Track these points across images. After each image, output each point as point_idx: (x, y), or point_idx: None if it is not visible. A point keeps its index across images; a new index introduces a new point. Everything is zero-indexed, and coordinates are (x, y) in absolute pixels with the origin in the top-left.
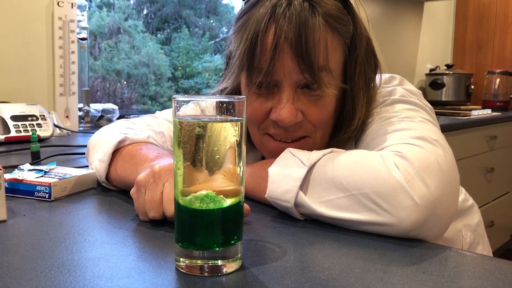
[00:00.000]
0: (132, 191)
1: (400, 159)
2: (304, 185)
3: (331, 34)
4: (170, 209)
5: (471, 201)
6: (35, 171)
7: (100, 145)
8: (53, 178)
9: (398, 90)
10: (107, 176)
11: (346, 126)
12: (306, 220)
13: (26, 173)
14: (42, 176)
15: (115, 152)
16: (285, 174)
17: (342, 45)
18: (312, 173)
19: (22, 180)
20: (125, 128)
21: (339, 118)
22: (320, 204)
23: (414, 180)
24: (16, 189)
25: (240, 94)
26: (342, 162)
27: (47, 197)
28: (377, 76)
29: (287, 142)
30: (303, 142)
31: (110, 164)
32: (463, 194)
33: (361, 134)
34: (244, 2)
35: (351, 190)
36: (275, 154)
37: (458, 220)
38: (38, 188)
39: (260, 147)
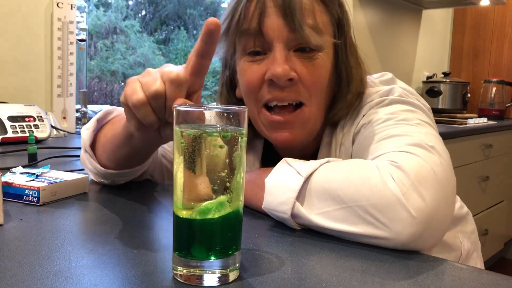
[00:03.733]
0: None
1: (396, 169)
2: (300, 195)
3: (317, 2)
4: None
5: (466, 208)
6: (27, 174)
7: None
8: (43, 182)
9: (396, 89)
10: (97, 153)
11: (344, 93)
12: (303, 229)
13: (17, 176)
14: (32, 180)
15: (105, 124)
16: (281, 185)
17: (330, 18)
18: (309, 184)
19: (11, 183)
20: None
21: (335, 89)
22: (317, 215)
23: (410, 192)
24: (6, 192)
25: (235, 81)
26: (338, 173)
27: (35, 201)
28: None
29: (285, 114)
30: (299, 112)
31: (99, 136)
32: (458, 202)
33: (357, 135)
34: None
35: (347, 202)
36: (273, 128)
37: (456, 227)
38: (27, 192)
39: (257, 121)
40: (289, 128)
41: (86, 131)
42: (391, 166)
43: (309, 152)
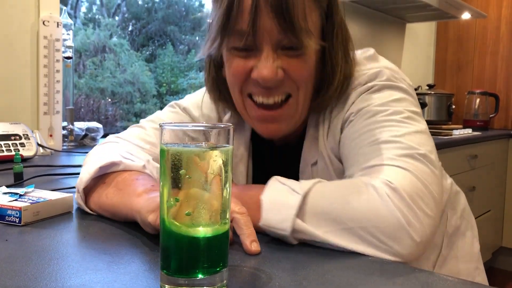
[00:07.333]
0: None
1: (393, 192)
2: (299, 214)
3: None
4: None
5: (455, 186)
6: (10, 194)
7: (95, 159)
8: (26, 202)
9: (384, 72)
10: (92, 199)
11: (327, 86)
12: (291, 245)
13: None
14: (15, 200)
15: (109, 175)
16: (279, 203)
17: (318, 8)
18: (307, 204)
19: None
20: (124, 152)
21: (320, 81)
22: (322, 232)
23: (410, 216)
24: None
25: (222, 60)
26: (335, 195)
27: (17, 221)
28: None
29: (271, 109)
30: (286, 106)
31: (100, 187)
32: (449, 179)
33: (346, 124)
34: None
35: (347, 223)
36: (259, 121)
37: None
38: (9, 212)
39: (243, 112)
40: (276, 122)
41: (87, 174)
42: (386, 187)
43: (294, 138)
